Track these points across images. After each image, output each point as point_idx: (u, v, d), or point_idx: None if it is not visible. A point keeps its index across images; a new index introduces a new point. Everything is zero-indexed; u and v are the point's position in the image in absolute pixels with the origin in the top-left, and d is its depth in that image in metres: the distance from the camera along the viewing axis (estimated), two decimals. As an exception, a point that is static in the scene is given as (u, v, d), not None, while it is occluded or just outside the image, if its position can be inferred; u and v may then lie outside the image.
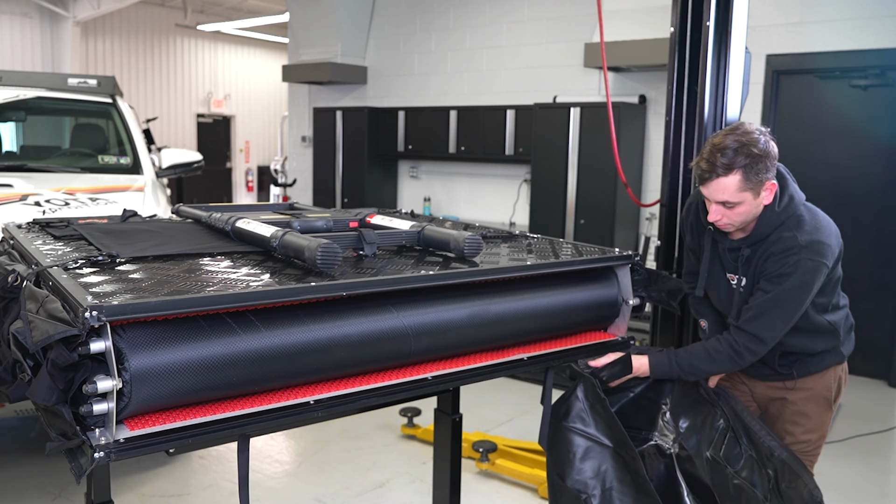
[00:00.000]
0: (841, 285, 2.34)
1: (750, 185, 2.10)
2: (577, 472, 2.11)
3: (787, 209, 2.18)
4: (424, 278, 1.79)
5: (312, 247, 1.72)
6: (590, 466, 2.11)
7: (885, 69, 5.25)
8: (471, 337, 1.96)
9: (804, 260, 2.10)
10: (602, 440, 2.12)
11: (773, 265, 2.14)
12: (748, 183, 2.10)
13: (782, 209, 2.18)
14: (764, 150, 2.10)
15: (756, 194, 2.13)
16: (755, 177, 2.10)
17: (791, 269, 2.10)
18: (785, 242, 2.14)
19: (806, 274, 2.10)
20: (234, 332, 1.53)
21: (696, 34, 3.02)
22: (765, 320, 2.13)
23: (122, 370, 1.37)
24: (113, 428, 1.38)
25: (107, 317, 1.31)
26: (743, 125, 2.16)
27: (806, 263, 2.10)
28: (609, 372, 2.22)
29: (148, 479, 3.71)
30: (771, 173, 2.13)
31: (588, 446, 2.12)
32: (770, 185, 2.15)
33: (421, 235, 2.14)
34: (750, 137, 2.10)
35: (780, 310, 2.12)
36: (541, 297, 2.09)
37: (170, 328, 1.46)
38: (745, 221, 2.18)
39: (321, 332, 1.65)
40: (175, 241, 2.20)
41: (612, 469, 2.10)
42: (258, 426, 1.58)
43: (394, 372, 1.83)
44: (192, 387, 1.48)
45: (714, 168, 2.09)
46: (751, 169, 2.09)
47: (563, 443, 2.14)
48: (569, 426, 2.15)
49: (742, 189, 2.10)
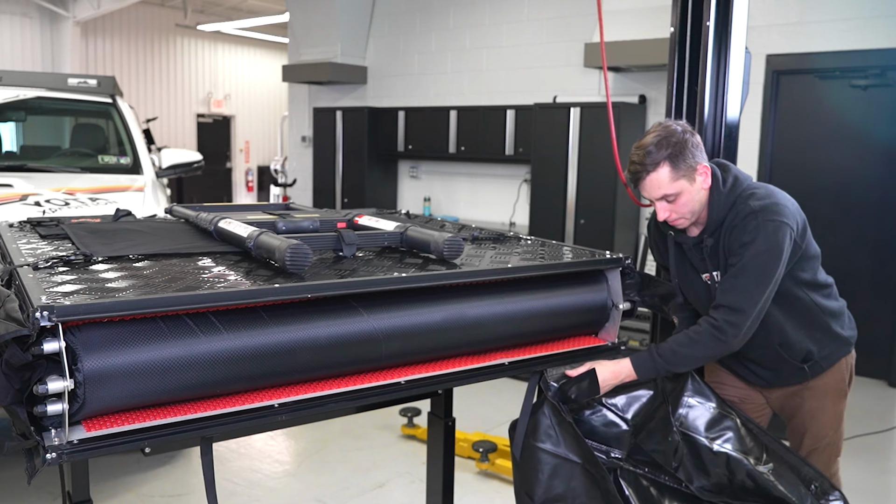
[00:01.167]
0: (835, 281, 2.31)
1: (681, 172, 2.13)
2: (546, 490, 2.06)
3: (735, 188, 2.20)
4: (393, 280, 1.75)
5: (282, 248, 1.71)
6: (559, 484, 2.05)
7: (885, 69, 5.25)
8: (447, 341, 1.90)
9: (763, 222, 2.08)
10: (570, 457, 2.06)
11: (734, 238, 2.13)
12: (678, 171, 2.12)
13: (729, 189, 2.19)
14: (682, 138, 2.14)
15: (690, 180, 2.14)
16: (683, 163, 2.12)
17: (752, 234, 2.08)
18: (740, 213, 2.14)
19: (770, 235, 2.07)
20: (194, 333, 1.51)
21: (696, 34, 3.02)
22: (739, 290, 2.08)
23: (76, 371, 1.36)
24: (66, 429, 1.37)
25: (58, 317, 1.31)
26: (661, 123, 2.21)
27: (766, 225, 2.07)
28: (577, 390, 2.11)
29: (148, 479, 3.71)
30: (699, 157, 2.15)
31: (556, 464, 2.05)
32: (703, 169, 2.16)
33: (404, 237, 2.10)
34: (668, 130, 2.15)
35: (751, 276, 2.07)
36: (523, 300, 2.03)
37: (127, 329, 1.45)
38: (693, 212, 2.18)
39: (285, 334, 1.62)
40: (158, 240, 2.19)
41: (581, 486, 2.05)
42: (220, 429, 1.55)
43: (365, 376, 1.79)
44: (151, 389, 1.46)
45: (644, 166, 2.12)
46: (676, 157, 2.12)
47: (531, 461, 2.08)
48: (537, 445, 2.08)
49: (674, 178, 2.12)
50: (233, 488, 3.68)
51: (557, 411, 2.08)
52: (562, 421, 2.08)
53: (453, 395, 2.48)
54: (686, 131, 2.17)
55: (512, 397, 4.91)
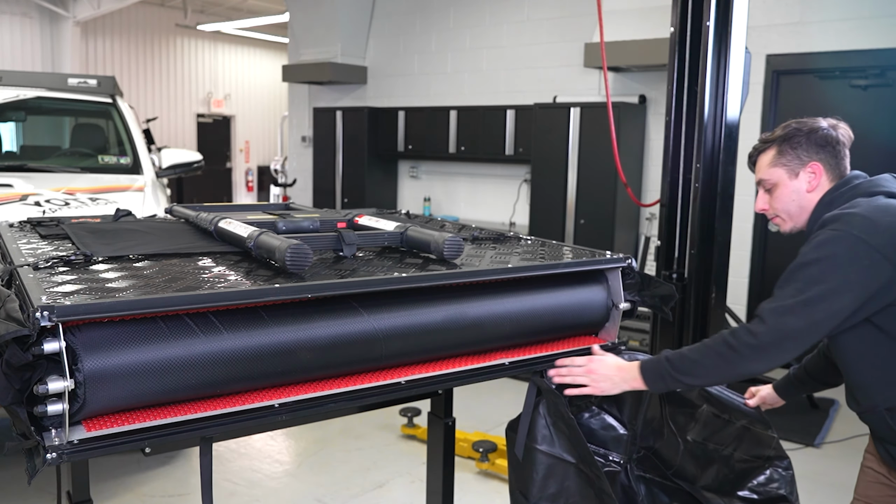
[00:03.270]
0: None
1: (784, 160, 1.89)
2: (541, 489, 2.06)
3: (837, 200, 1.84)
4: (393, 280, 1.74)
5: (283, 247, 1.70)
6: (553, 483, 2.05)
7: (885, 69, 5.25)
8: (447, 341, 1.89)
9: (825, 231, 1.73)
10: (565, 457, 2.05)
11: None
12: (781, 158, 1.90)
13: (830, 200, 1.85)
14: (811, 128, 1.89)
15: (792, 174, 1.89)
16: (791, 151, 1.89)
17: (807, 245, 1.76)
18: (816, 227, 1.81)
19: (823, 245, 1.70)
20: (195, 333, 1.50)
21: (696, 34, 3.02)
22: (774, 299, 1.74)
23: (76, 371, 1.36)
24: (66, 429, 1.38)
25: (58, 317, 1.31)
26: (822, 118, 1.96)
27: (826, 234, 1.72)
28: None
29: (148, 479, 3.71)
30: (816, 154, 1.88)
31: (551, 463, 2.04)
32: (814, 167, 1.88)
33: (404, 236, 2.10)
34: (805, 121, 1.93)
35: (790, 287, 1.71)
36: (523, 300, 2.02)
37: (127, 329, 1.45)
38: (789, 213, 1.92)
39: (285, 334, 1.61)
40: (158, 240, 2.19)
41: (574, 485, 2.03)
42: (220, 429, 1.55)
43: (365, 376, 1.79)
44: (151, 389, 1.46)
45: (759, 145, 1.97)
46: (786, 142, 1.89)
47: (527, 461, 2.08)
48: (532, 445, 2.07)
49: (774, 164, 1.91)
50: (233, 488, 3.68)
51: (552, 411, 2.08)
52: (556, 422, 2.07)
53: (453, 395, 2.48)
54: (820, 129, 1.89)
55: (512, 397, 4.91)
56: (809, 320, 1.67)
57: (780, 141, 1.90)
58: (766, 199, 1.96)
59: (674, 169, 3.17)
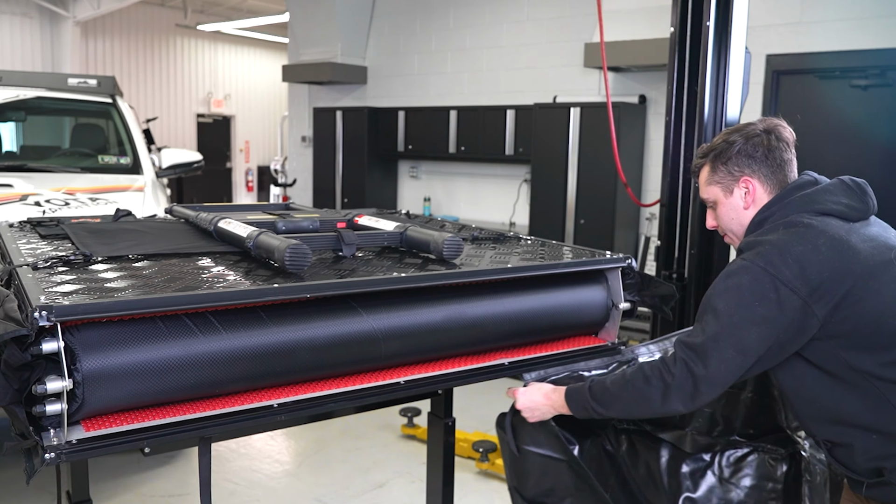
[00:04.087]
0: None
1: (717, 177, 1.75)
2: (536, 484, 2.05)
3: (772, 214, 1.67)
4: (393, 280, 1.74)
5: (282, 247, 1.71)
6: (548, 480, 2.04)
7: (885, 69, 5.25)
8: (447, 341, 1.89)
9: (736, 260, 1.62)
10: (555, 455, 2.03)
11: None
12: (715, 175, 1.76)
13: (765, 216, 1.69)
14: (745, 137, 1.72)
15: (727, 191, 1.74)
16: (723, 167, 1.73)
17: (721, 274, 1.65)
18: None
19: (730, 277, 1.59)
20: (193, 333, 1.50)
21: (696, 34, 3.02)
22: (687, 334, 1.67)
23: (75, 371, 1.36)
24: (65, 429, 1.38)
25: (56, 317, 1.31)
26: (759, 120, 1.81)
27: (735, 264, 1.61)
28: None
29: (148, 479, 3.71)
30: (748, 167, 1.71)
31: (544, 462, 2.04)
32: (746, 182, 1.72)
33: (403, 237, 2.10)
34: (739, 126, 1.77)
35: (700, 321, 1.63)
36: (523, 300, 2.02)
37: (126, 329, 1.45)
38: (733, 231, 1.79)
39: (284, 334, 1.61)
40: (158, 240, 2.20)
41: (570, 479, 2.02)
42: (219, 429, 1.55)
43: (364, 376, 1.79)
44: (150, 389, 1.46)
45: (695, 163, 1.84)
46: (717, 158, 1.74)
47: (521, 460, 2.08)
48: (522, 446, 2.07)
49: (709, 182, 1.77)
50: (233, 488, 3.68)
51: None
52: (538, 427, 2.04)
53: (453, 395, 2.48)
54: (752, 137, 1.72)
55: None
56: (719, 358, 1.56)
57: (713, 157, 1.76)
58: (712, 216, 1.84)
59: (674, 169, 3.17)
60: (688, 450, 2.12)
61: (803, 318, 1.53)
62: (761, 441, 2.11)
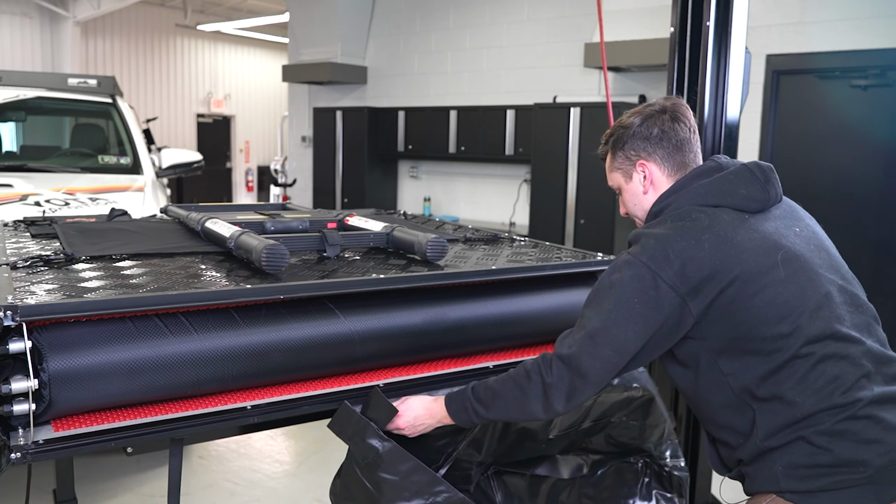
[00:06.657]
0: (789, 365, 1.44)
1: (616, 163, 1.69)
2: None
3: (668, 204, 1.60)
4: (368, 282, 1.72)
5: (259, 248, 1.70)
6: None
7: (885, 69, 5.25)
8: (428, 343, 1.84)
9: (623, 254, 1.56)
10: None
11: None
12: (614, 161, 1.70)
13: (662, 206, 1.62)
14: (642, 118, 1.64)
15: (627, 177, 1.69)
16: (620, 152, 1.67)
17: (608, 267, 1.59)
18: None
19: (615, 271, 1.53)
20: (164, 334, 1.49)
21: (696, 34, 3.02)
22: (570, 330, 1.60)
23: (41, 371, 1.36)
24: (32, 429, 1.37)
25: (21, 317, 1.31)
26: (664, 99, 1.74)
27: (621, 258, 1.55)
28: (375, 416, 1.67)
29: (148, 479, 3.71)
30: (643, 150, 1.64)
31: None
32: (642, 166, 1.65)
33: (390, 237, 2.08)
34: (640, 108, 1.69)
35: (583, 315, 1.56)
36: (507, 303, 1.97)
37: (95, 329, 1.44)
38: (637, 216, 1.73)
39: (257, 335, 1.59)
40: (146, 240, 2.20)
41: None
42: (191, 430, 1.54)
43: (342, 378, 1.75)
44: (120, 390, 1.45)
45: (599, 150, 1.79)
46: (616, 143, 1.68)
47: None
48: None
49: (611, 168, 1.72)
50: (233, 488, 3.68)
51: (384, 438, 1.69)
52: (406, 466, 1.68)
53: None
54: (648, 118, 1.66)
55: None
56: (596, 356, 1.49)
57: (612, 142, 1.71)
58: (622, 202, 1.76)
59: (674, 169, 3.17)
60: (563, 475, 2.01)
61: (680, 317, 1.48)
62: (622, 456, 2.05)
